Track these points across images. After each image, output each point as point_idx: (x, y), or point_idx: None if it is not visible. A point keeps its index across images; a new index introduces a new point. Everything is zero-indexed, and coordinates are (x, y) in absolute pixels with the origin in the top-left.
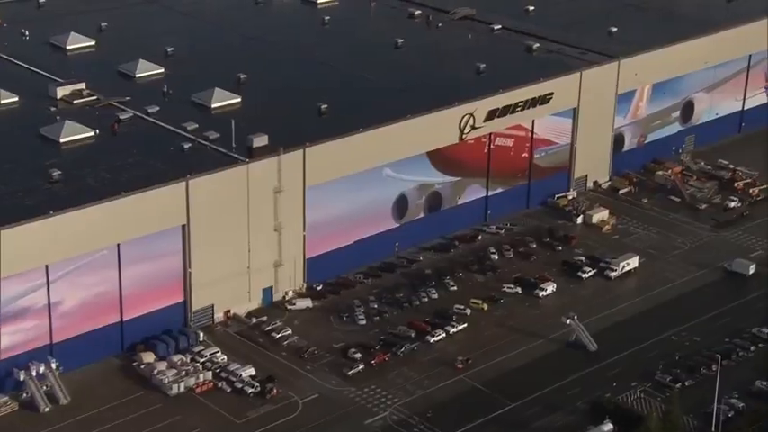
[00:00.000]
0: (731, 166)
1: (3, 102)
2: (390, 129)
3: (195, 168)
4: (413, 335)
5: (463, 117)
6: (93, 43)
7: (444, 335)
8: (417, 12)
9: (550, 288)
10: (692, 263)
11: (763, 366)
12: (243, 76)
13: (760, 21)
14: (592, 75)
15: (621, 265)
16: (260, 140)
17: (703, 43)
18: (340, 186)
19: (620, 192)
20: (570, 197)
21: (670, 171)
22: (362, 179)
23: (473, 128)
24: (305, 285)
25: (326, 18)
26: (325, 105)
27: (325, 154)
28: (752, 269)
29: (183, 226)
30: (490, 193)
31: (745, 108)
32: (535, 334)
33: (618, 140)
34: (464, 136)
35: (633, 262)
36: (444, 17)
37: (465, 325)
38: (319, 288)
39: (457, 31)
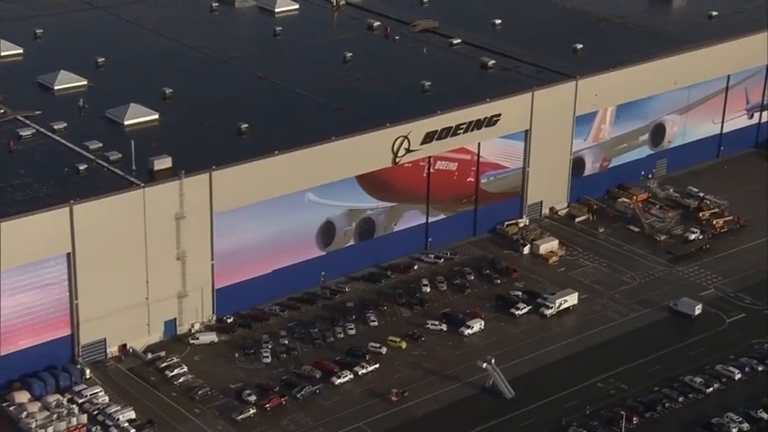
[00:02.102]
0: (701, 194)
1: None
2: (311, 151)
3: (84, 192)
4: (318, 375)
5: (396, 139)
6: (20, 51)
7: (352, 376)
8: (377, 23)
9: (477, 326)
10: (638, 300)
11: (686, 421)
12: (168, 91)
13: (738, 40)
14: (545, 95)
15: (558, 302)
16: (162, 163)
17: (672, 63)
18: (256, 212)
19: (577, 220)
20: (521, 225)
21: (634, 198)
22: (282, 204)
23: (408, 151)
24: (214, 318)
25: (279, 29)
26: (246, 125)
27: (235, 178)
28: (698, 310)
29: (69, 254)
30: (431, 220)
31: (724, 131)
32: (451, 377)
33: (577, 165)
34: (398, 159)
35: (572, 299)
36: (405, 30)
37: (377, 366)
38: (229, 321)
39: (414, 44)
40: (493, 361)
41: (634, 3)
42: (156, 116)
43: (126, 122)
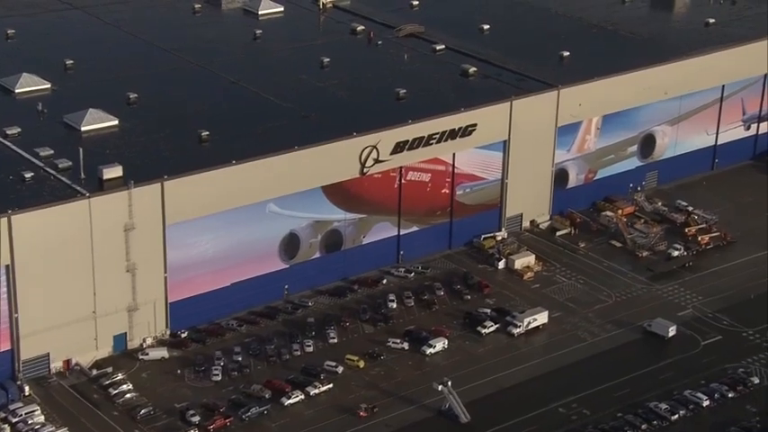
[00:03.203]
0: (690, 209)
1: None
2: (271, 161)
3: (26, 202)
4: (267, 395)
5: (364, 149)
6: None
7: (303, 397)
8: (360, 27)
9: (440, 344)
10: (612, 320)
11: None
12: (133, 95)
13: (733, 49)
14: (524, 105)
15: (527, 320)
16: (112, 171)
17: (662, 72)
18: (213, 223)
19: (558, 233)
20: (499, 238)
21: (619, 212)
22: (242, 215)
23: (377, 161)
24: (167, 332)
25: (259, 32)
26: (207, 132)
27: (188, 188)
28: (672, 331)
29: (7, 266)
30: (403, 232)
31: (719, 143)
32: (408, 399)
33: (561, 176)
34: (366, 170)
35: (541, 317)
36: (390, 34)
37: (330, 386)
38: (184, 335)
39: (396, 50)
40: (450, 383)
41: (633, 9)
42: (116, 122)
43: (83, 128)
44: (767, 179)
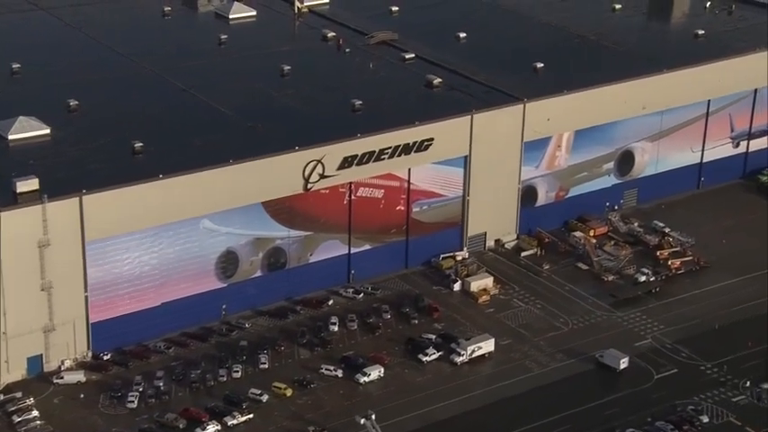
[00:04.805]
0: (666, 230)
1: None
2: (202, 176)
3: None
4: (182, 425)
5: (308, 164)
6: None
7: (219, 427)
8: (331, 34)
9: (376, 373)
10: (564, 349)
11: None
12: (74, 103)
13: (719, 62)
14: (486, 119)
15: (471, 348)
16: (27, 184)
17: (639, 86)
18: (140, 240)
19: (523, 254)
20: (459, 258)
21: (593, 232)
22: (172, 231)
23: (323, 176)
24: (89, 354)
25: (224, 37)
26: (140, 144)
27: (110, 203)
28: (623, 363)
29: None
30: (354, 251)
31: (705, 160)
32: (332, 431)
33: (529, 194)
34: (310, 185)
35: (487, 345)
36: (362, 41)
37: (251, 416)
38: (106, 358)
39: (364, 58)
40: (374, 416)
41: (624, 18)
42: (48, 131)
43: (10, 137)
44: (755, 199)
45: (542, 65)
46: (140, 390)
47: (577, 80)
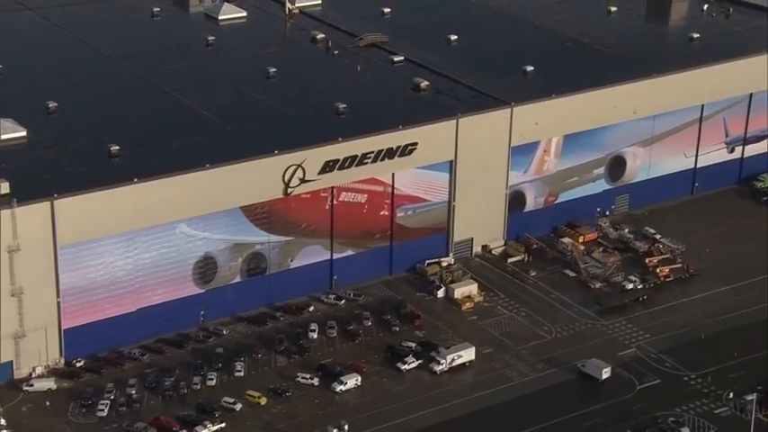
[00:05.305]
0: (656, 236)
1: None
2: (178, 180)
3: None
4: None
5: (288, 168)
6: None
7: None
8: (320, 36)
9: (353, 381)
10: (546, 358)
11: None
12: (53, 105)
13: (712, 66)
14: (472, 123)
15: (450, 357)
16: None
17: (630, 90)
18: (116, 245)
19: (510, 260)
20: (444, 264)
21: (582, 238)
22: (148, 236)
23: (303, 181)
24: (61, 360)
25: (211, 38)
26: (117, 147)
27: (83, 208)
28: (605, 373)
29: None
30: (336, 256)
31: (699, 166)
32: None
33: (517, 199)
34: (291, 190)
35: (467, 354)
36: (350, 43)
37: (223, 425)
38: (79, 364)
39: (352, 61)
40: (346, 426)
41: (620, 21)
42: (24, 133)
43: None
44: (748, 205)
45: (532, 68)
46: (112, 398)
47: (567, 84)
